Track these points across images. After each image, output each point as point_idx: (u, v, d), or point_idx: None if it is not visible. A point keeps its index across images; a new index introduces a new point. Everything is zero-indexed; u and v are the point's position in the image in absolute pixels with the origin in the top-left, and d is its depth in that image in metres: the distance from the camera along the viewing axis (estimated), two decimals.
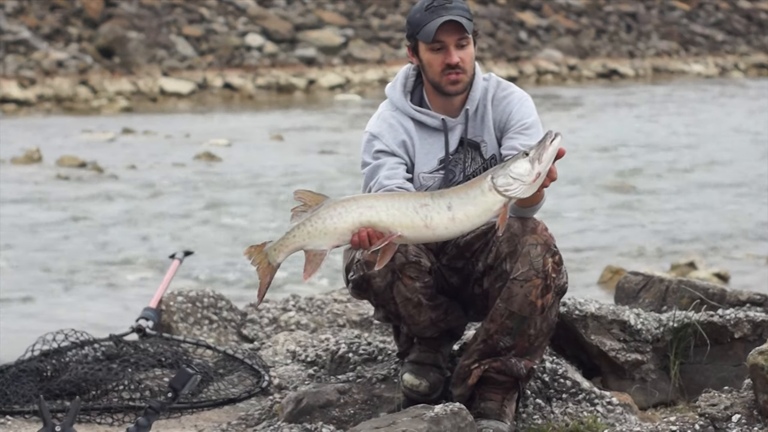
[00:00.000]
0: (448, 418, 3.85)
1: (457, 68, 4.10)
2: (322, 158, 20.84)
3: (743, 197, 16.72)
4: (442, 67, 4.11)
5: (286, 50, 37.54)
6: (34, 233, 13.91)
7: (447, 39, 4.08)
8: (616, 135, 24.46)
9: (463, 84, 4.14)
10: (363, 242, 3.75)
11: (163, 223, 14.75)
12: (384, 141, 4.17)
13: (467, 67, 4.12)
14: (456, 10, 4.07)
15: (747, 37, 49.06)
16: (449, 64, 4.09)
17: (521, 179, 3.72)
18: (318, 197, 3.78)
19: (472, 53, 4.14)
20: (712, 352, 4.65)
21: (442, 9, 4.07)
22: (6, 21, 34.05)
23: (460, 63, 4.09)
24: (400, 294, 4.05)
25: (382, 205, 3.76)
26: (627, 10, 47.73)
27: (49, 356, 4.73)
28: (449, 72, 4.11)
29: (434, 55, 4.12)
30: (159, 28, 36.11)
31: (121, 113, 29.81)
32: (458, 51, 4.10)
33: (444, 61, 4.10)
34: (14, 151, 20.67)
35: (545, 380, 4.34)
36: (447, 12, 4.06)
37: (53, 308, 10.42)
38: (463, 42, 4.10)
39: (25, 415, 4.44)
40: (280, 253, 3.79)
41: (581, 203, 16.18)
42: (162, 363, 4.77)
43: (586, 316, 4.59)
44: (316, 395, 4.26)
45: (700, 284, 5.04)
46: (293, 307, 5.63)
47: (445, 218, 3.76)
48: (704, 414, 4.19)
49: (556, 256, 3.99)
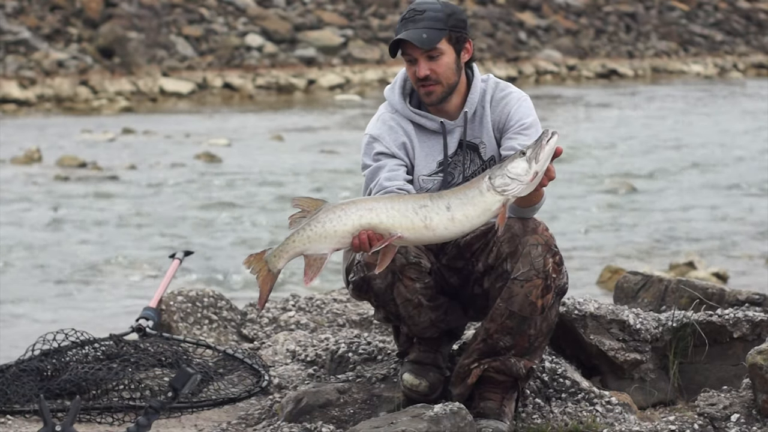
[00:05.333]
0: (447, 417, 3.86)
1: (428, 80, 4.08)
2: (322, 158, 20.84)
3: (742, 197, 16.72)
4: (414, 78, 4.11)
5: (286, 50, 37.53)
6: (34, 233, 13.91)
7: (414, 52, 4.07)
8: (615, 135, 24.46)
9: (438, 94, 4.11)
10: (363, 245, 3.76)
11: (163, 223, 14.76)
12: (384, 143, 4.17)
13: (441, 78, 4.09)
14: (423, 22, 4.03)
15: (746, 37, 49.05)
16: (418, 78, 4.09)
17: (519, 179, 3.73)
18: (316, 202, 3.78)
19: (446, 62, 4.08)
20: (711, 352, 4.66)
21: (410, 22, 4.05)
22: (6, 21, 34.03)
23: (431, 74, 4.07)
24: (401, 295, 4.06)
25: (381, 207, 3.76)
26: (626, 11, 47.71)
27: (50, 356, 4.72)
28: (420, 84, 4.10)
29: (408, 67, 4.13)
30: (159, 29, 36.09)
31: (121, 113, 29.80)
32: (429, 63, 4.06)
33: (415, 74, 4.09)
34: (14, 151, 20.67)
35: (544, 380, 4.35)
36: (413, 25, 4.03)
37: (53, 308, 10.42)
38: (433, 54, 4.06)
39: (26, 414, 4.44)
40: (280, 259, 3.78)
41: (581, 203, 16.18)
42: (162, 363, 4.77)
43: (585, 316, 4.60)
44: (315, 395, 4.27)
45: (699, 284, 5.04)
46: (293, 306, 5.63)
47: (444, 219, 3.76)
48: (703, 413, 4.20)
49: (556, 257, 4.00)
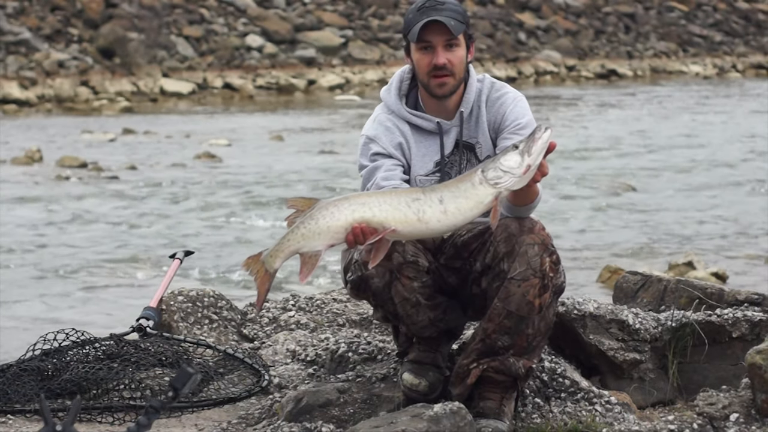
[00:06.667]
0: (447, 417, 3.87)
1: (444, 69, 4.09)
2: (321, 158, 20.85)
3: (741, 197, 16.72)
4: (429, 68, 4.10)
5: (286, 51, 37.55)
6: (34, 233, 13.91)
7: (434, 39, 4.07)
8: (614, 135, 24.47)
9: (450, 86, 4.13)
10: (357, 238, 3.75)
11: (164, 222, 14.76)
12: (381, 143, 4.18)
13: (455, 70, 4.11)
14: (447, 11, 4.06)
15: (745, 37, 49.06)
16: (436, 65, 4.08)
17: (511, 171, 3.73)
18: (310, 201, 3.79)
19: (461, 56, 4.11)
20: (710, 352, 4.66)
21: (432, 9, 4.06)
22: (7, 22, 34.04)
23: (447, 65, 4.08)
24: (399, 294, 4.06)
25: (374, 202, 3.77)
26: (625, 11, 47.73)
27: (50, 355, 4.73)
28: (435, 73, 4.10)
29: (422, 56, 4.11)
30: (159, 29, 36.10)
31: (121, 113, 29.82)
32: (446, 52, 4.08)
33: (431, 62, 4.09)
34: (15, 151, 20.68)
35: (544, 379, 4.35)
36: (437, 13, 4.05)
37: (54, 308, 10.43)
38: (452, 43, 4.08)
39: (26, 414, 4.44)
40: (277, 258, 3.80)
41: (580, 203, 16.19)
42: (162, 362, 4.77)
43: (584, 316, 4.60)
44: (315, 394, 4.27)
45: (699, 284, 5.04)
46: (293, 306, 5.64)
47: (437, 211, 3.77)
48: (702, 413, 4.21)
49: (553, 256, 4.00)
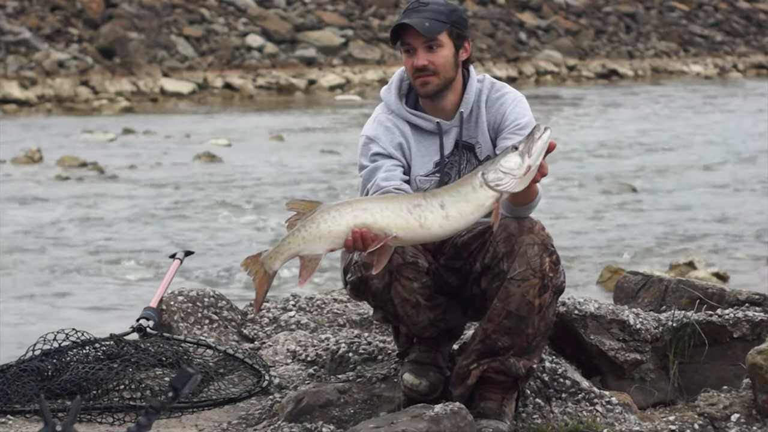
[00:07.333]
0: (447, 417, 3.86)
1: (425, 71, 4.10)
2: (322, 158, 20.84)
3: (742, 197, 16.72)
4: (412, 70, 4.14)
5: (286, 51, 37.54)
6: (34, 233, 13.92)
7: (413, 42, 4.10)
8: (615, 135, 24.47)
9: (434, 86, 4.14)
10: (357, 243, 3.75)
11: (164, 223, 14.76)
12: (381, 144, 4.18)
13: (438, 69, 4.11)
14: (427, 12, 4.07)
15: (746, 37, 49.04)
16: (416, 67, 4.11)
17: (512, 173, 3.73)
18: (311, 204, 3.79)
19: (445, 55, 4.12)
20: (711, 352, 4.66)
21: (413, 12, 4.09)
22: (7, 21, 34.04)
23: (428, 65, 4.10)
24: (398, 295, 4.05)
25: (376, 208, 3.76)
26: (626, 11, 47.71)
27: (50, 356, 4.73)
28: (417, 75, 4.12)
29: (406, 58, 4.15)
30: (159, 29, 36.09)
31: (121, 113, 29.81)
32: (427, 54, 4.09)
33: (413, 64, 4.12)
34: (15, 151, 20.68)
35: (545, 380, 4.35)
36: (416, 14, 4.07)
37: (54, 308, 10.43)
38: (432, 44, 4.09)
39: (26, 414, 4.44)
40: (276, 260, 3.79)
41: (580, 203, 16.19)
42: (163, 362, 4.77)
43: (585, 316, 4.60)
44: (316, 395, 4.27)
45: (699, 284, 5.04)
46: (293, 306, 5.63)
47: (438, 217, 3.76)
48: (703, 413, 4.21)
49: (553, 256, 3.99)
